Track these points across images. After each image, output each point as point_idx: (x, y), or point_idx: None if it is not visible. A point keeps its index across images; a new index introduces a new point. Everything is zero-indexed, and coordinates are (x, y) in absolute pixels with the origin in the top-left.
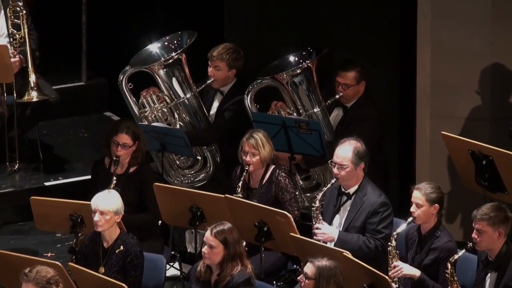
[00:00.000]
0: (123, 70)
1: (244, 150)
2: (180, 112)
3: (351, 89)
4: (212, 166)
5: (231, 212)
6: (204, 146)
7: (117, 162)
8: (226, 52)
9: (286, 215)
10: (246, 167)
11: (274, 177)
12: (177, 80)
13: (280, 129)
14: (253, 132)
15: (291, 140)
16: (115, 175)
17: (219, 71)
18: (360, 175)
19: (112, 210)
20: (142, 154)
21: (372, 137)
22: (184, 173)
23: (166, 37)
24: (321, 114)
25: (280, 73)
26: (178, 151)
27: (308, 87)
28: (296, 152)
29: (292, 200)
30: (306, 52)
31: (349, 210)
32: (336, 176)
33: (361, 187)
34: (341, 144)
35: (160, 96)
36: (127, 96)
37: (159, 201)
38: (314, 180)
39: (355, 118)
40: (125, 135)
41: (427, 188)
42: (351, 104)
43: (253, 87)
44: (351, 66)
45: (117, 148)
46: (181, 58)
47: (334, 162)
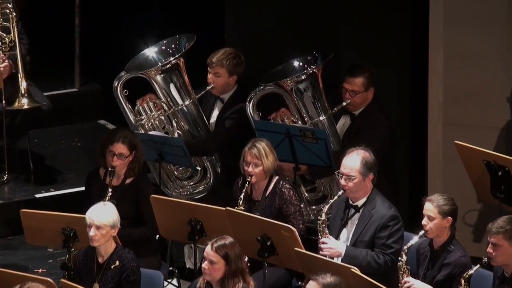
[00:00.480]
0: (118, 76)
1: (246, 160)
2: (179, 120)
3: (359, 96)
4: (212, 177)
5: (233, 225)
6: (204, 156)
7: (112, 173)
8: (227, 57)
9: (291, 229)
10: (248, 178)
11: (278, 188)
12: (175, 86)
13: (284, 138)
14: (256, 141)
15: (295, 149)
16: (111, 187)
17: (219, 77)
18: (368, 186)
19: (109, 224)
20: (139, 164)
21: (381, 146)
22: (182, 184)
23: (164, 41)
24: (328, 122)
25: (284, 79)
26: (177, 161)
27: (313, 94)
28: (301, 162)
29: (297, 213)
30: (312, 57)
31: (357, 224)
32: (344, 187)
33: (369, 199)
34: (349, 154)
35: (157, 103)
36: (123, 103)
37: (157, 214)
38: (320, 192)
39: (363, 127)
40: (121, 144)
41: (440, 199)
42: (359, 111)
43: (255, 94)
44: (359, 72)
45: (112, 158)
46: (179, 63)
47: (341, 173)
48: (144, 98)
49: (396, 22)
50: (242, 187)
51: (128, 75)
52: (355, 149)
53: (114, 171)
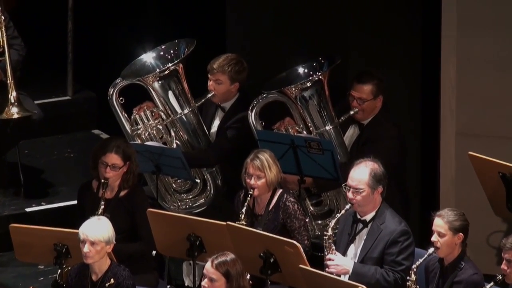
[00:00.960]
0: (113, 83)
1: (248, 173)
2: (177, 129)
3: (367, 104)
4: (212, 190)
5: (234, 241)
6: (204, 168)
7: (105, 185)
8: (228, 63)
9: (295, 245)
10: (251, 191)
11: (282, 202)
12: (174, 94)
13: (288, 149)
14: (258, 153)
15: (300, 161)
16: (103, 200)
17: (220, 84)
18: (377, 200)
19: (104, 240)
20: (133, 176)
21: (391, 157)
22: (181, 197)
23: (162, 46)
24: (334, 132)
25: (288, 86)
26: (175, 173)
27: (319, 102)
28: (306, 174)
29: (302, 228)
30: (317, 63)
31: (365, 239)
32: (351, 201)
33: (378, 213)
34: (357, 165)
35: (155, 111)
36: (118, 111)
37: (154, 229)
38: (326, 206)
39: (372, 137)
40: (115, 155)
41: (450, 215)
42: (367, 121)
43: (258, 102)
44: (367, 79)
45: (105, 170)
46: (178, 69)
47: (348, 185)
48: (141, 107)
49: (407, 26)
50: (244, 200)
51: (124, 82)
52: (363, 160)
53: (107, 183)
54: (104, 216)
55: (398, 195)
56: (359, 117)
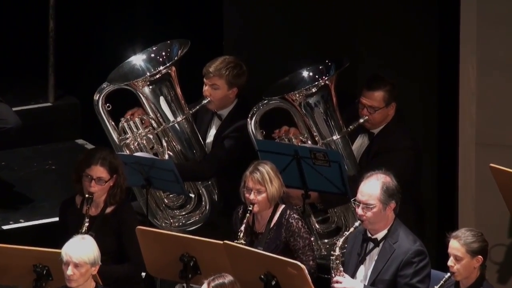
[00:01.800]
0: (99, 88)
1: (247, 186)
2: (170, 139)
3: (378, 112)
4: (208, 206)
5: (232, 262)
6: (199, 182)
7: (90, 200)
8: (226, 66)
9: (299, 266)
10: (250, 207)
11: (284, 219)
12: (166, 100)
13: (291, 160)
14: (259, 164)
15: (305, 173)
16: (88, 217)
17: (217, 90)
18: (390, 216)
19: (89, 261)
20: (121, 190)
21: (404, 170)
22: (174, 214)
23: (153, 47)
24: (342, 143)
25: (292, 92)
26: (167, 187)
27: (325, 109)
28: (311, 188)
29: (306, 248)
30: (323, 66)
31: (376, 260)
32: (361, 218)
33: (391, 231)
34: (367, 178)
35: (145, 119)
36: (104, 119)
37: (143, 249)
38: (333, 223)
39: (384, 147)
40: (100, 167)
41: (468, 236)
42: (378, 130)
43: (258, 109)
44: (379, 84)
45: (90, 184)
46: (170, 72)
47: (358, 201)
48: (129, 114)
49: (422, 25)
50: (242, 217)
51: (111, 87)
52: (374, 173)
53: (91, 199)
54: (89, 235)
55: (412, 211)
56: (369, 125)
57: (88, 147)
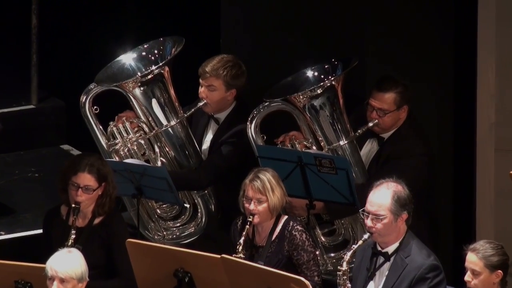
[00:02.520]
0: (86, 89)
1: (247, 196)
2: (163, 145)
3: (389, 115)
4: (204, 217)
5: (230, 277)
6: (194, 191)
7: (76, 210)
8: (223, 66)
9: (303, 282)
10: (250, 218)
11: (287, 231)
12: (159, 102)
13: (294, 167)
14: (259, 172)
15: (309, 182)
16: (74, 228)
17: (214, 91)
18: (401, 228)
19: (76, 277)
20: (110, 200)
21: (417, 178)
22: (167, 225)
23: (144, 45)
24: (349, 148)
25: (295, 93)
26: (160, 197)
27: (331, 112)
28: (316, 198)
29: (311, 262)
30: (330, 66)
31: (387, 276)
32: (370, 230)
33: (403, 244)
34: (377, 187)
35: (136, 123)
36: (92, 123)
37: (134, 263)
38: (340, 236)
39: (395, 154)
40: (88, 174)
41: (487, 249)
42: (389, 135)
43: (259, 112)
44: (389, 85)
45: (76, 192)
46: (163, 73)
47: (367, 211)
48: (119, 117)
49: (437, 22)
50: (242, 229)
51: (99, 88)
52: (384, 181)
53: (78, 209)
54: (75, 249)
55: (426, 222)
56: (379, 130)
57: (74, 153)
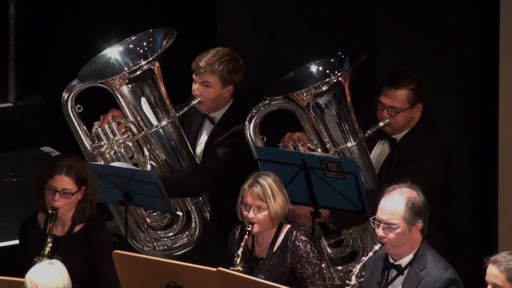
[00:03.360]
0: (68, 86)
1: (245, 203)
2: (153, 147)
3: (402, 114)
4: (198, 226)
5: None
6: (188, 197)
7: (54, 217)
8: (219, 60)
9: None
10: (249, 227)
11: (290, 242)
12: (148, 100)
13: (298, 171)
14: (259, 177)
15: (314, 187)
16: (51, 236)
17: (209, 88)
18: (416, 239)
19: None
20: (91, 205)
21: (433, 183)
22: (158, 236)
23: (132, 38)
24: (358, 150)
25: (298, 91)
26: (149, 204)
27: (338, 111)
28: (322, 205)
29: (316, 276)
30: (336, 60)
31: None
32: (382, 240)
33: (418, 256)
34: (389, 193)
35: (123, 123)
36: (75, 123)
37: (121, 276)
38: (348, 247)
39: (408, 156)
40: (65, 177)
41: (509, 261)
42: (401, 135)
43: (258, 111)
44: (402, 81)
45: (53, 197)
46: (153, 68)
47: (378, 220)
48: (105, 117)
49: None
50: (240, 239)
51: (82, 85)
52: (397, 187)
53: (56, 215)
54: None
55: (443, 232)
56: (391, 130)
57: None
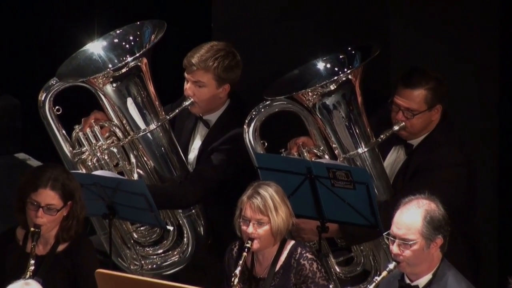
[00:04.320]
0: (46, 85)
1: (244, 216)
2: (140, 153)
3: (419, 117)
4: (191, 242)
5: None
6: (179, 210)
7: (36, 235)
8: (214, 56)
9: None
10: (248, 244)
11: (294, 260)
12: (135, 101)
13: (303, 181)
14: (259, 187)
15: (321, 199)
16: (33, 257)
17: (203, 88)
18: (435, 256)
19: None
20: (77, 223)
21: (454, 194)
22: (146, 253)
23: (117, 31)
24: (370, 157)
25: (303, 90)
26: (136, 217)
27: (348, 113)
28: (330, 219)
29: None
30: (345, 56)
31: None
32: (397, 258)
33: (437, 276)
34: (404, 206)
35: (107, 127)
36: (53, 127)
37: None
38: (359, 266)
39: (426, 164)
40: (50, 191)
41: None
42: (419, 141)
43: (259, 113)
44: (419, 80)
45: (36, 213)
46: (140, 65)
47: (392, 235)
48: (86, 120)
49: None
50: (238, 257)
51: (61, 84)
52: (414, 198)
53: (39, 233)
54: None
55: (465, 249)
56: (407, 134)
57: (31, 164)
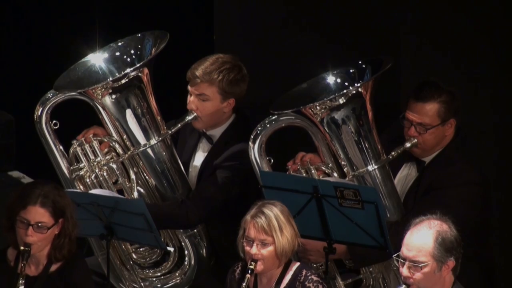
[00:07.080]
0: (43, 99)
1: (248, 237)
2: (140, 170)
3: (431, 132)
4: (193, 264)
5: None
6: (181, 230)
7: (26, 254)
8: (219, 69)
9: None
10: (251, 265)
11: (299, 282)
12: (135, 114)
13: (309, 200)
14: (264, 206)
15: (328, 219)
16: (23, 277)
17: (207, 101)
18: (447, 279)
19: None
20: (70, 241)
21: (468, 214)
22: (145, 275)
23: (118, 43)
24: (380, 175)
25: (311, 104)
26: (135, 238)
27: (357, 128)
28: (337, 240)
29: None
30: (355, 69)
31: None
32: (407, 281)
33: None
34: (415, 226)
35: (106, 142)
36: (50, 142)
37: None
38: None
39: (439, 182)
40: (40, 208)
41: None
42: (431, 157)
43: (264, 128)
44: (431, 93)
45: (26, 231)
46: (141, 77)
47: (402, 257)
48: (84, 134)
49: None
50: (241, 279)
51: (59, 97)
52: (425, 218)
53: (29, 252)
54: None
55: (478, 271)
56: (419, 151)
57: (26, 182)
